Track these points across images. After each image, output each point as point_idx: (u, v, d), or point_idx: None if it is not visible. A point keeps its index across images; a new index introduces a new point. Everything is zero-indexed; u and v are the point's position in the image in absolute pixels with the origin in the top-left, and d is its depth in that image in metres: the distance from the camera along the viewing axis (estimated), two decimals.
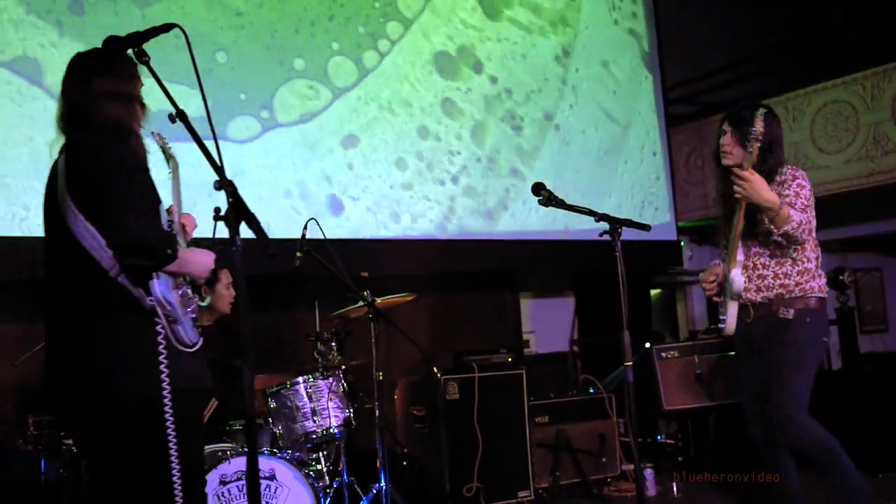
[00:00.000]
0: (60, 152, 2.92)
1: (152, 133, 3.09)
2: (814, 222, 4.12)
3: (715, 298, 4.31)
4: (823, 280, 4.16)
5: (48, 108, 4.43)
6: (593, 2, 8.18)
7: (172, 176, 3.16)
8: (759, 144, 3.91)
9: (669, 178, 8.49)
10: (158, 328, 2.79)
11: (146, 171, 2.92)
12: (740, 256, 4.12)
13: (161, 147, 3.17)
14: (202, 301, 3.10)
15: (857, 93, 8.12)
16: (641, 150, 8.29)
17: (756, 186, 3.87)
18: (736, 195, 3.95)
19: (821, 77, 8.45)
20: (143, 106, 2.98)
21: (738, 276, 4.10)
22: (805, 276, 4.10)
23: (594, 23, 8.17)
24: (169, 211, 3.03)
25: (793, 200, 4.01)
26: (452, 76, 7.22)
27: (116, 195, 2.73)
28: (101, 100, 2.87)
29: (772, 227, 3.95)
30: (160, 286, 2.78)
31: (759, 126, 3.88)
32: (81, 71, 2.93)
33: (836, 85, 8.26)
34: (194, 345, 2.94)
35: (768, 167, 4.04)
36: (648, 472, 5.94)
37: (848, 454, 4.01)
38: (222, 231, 2.52)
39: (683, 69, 9.33)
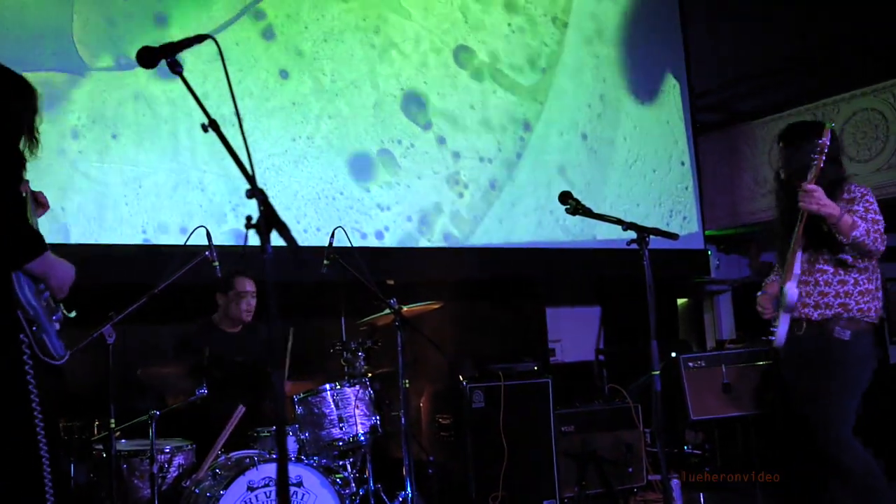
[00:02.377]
0: None
1: None
2: (883, 234, 4.08)
3: (765, 316, 4.29)
4: (881, 304, 4.14)
5: None
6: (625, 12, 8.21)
7: None
8: (824, 157, 3.91)
9: (697, 187, 8.47)
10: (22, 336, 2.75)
11: None
12: (797, 270, 4.09)
13: None
14: (69, 313, 3.07)
15: (888, 101, 8.06)
16: (669, 160, 8.28)
17: (818, 197, 3.88)
18: (799, 206, 3.94)
19: (850, 85, 8.38)
20: None
21: (792, 289, 4.07)
22: (865, 297, 4.08)
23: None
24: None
25: (863, 216, 4.00)
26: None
27: None
28: None
29: (840, 237, 3.93)
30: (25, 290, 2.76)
31: (826, 139, 3.90)
32: None
33: (865, 94, 8.20)
34: (61, 358, 2.89)
35: (829, 180, 4.03)
36: (675, 483, 5.92)
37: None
38: (254, 239, 2.54)
39: (711, 78, 9.29)
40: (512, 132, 7.40)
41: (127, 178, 5.69)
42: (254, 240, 2.47)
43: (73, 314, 3.09)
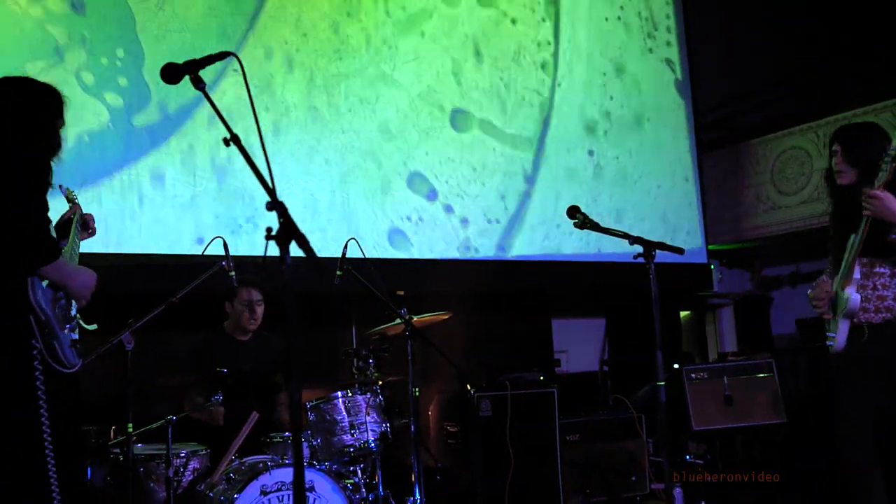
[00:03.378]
0: None
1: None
2: None
3: (825, 316, 4.16)
4: None
5: None
6: (631, 32, 8.23)
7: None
8: (894, 164, 3.77)
9: (700, 202, 8.49)
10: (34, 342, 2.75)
11: None
12: (857, 275, 3.99)
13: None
14: (88, 325, 3.08)
15: (888, 120, 8.07)
16: (673, 176, 8.30)
17: (886, 203, 3.78)
18: (865, 213, 3.84)
19: (853, 104, 8.39)
20: None
21: (854, 295, 3.97)
22: None
23: (629, 51, 8.22)
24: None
25: None
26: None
27: None
28: None
29: None
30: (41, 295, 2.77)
31: (894, 146, 3.77)
32: None
33: (867, 112, 8.21)
34: (73, 367, 2.88)
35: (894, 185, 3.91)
36: (678, 492, 5.92)
37: None
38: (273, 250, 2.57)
39: (715, 95, 9.31)
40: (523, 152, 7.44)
41: (147, 189, 5.75)
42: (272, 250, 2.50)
43: (93, 327, 3.11)
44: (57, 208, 3.39)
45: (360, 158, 6.65)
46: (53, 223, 3.15)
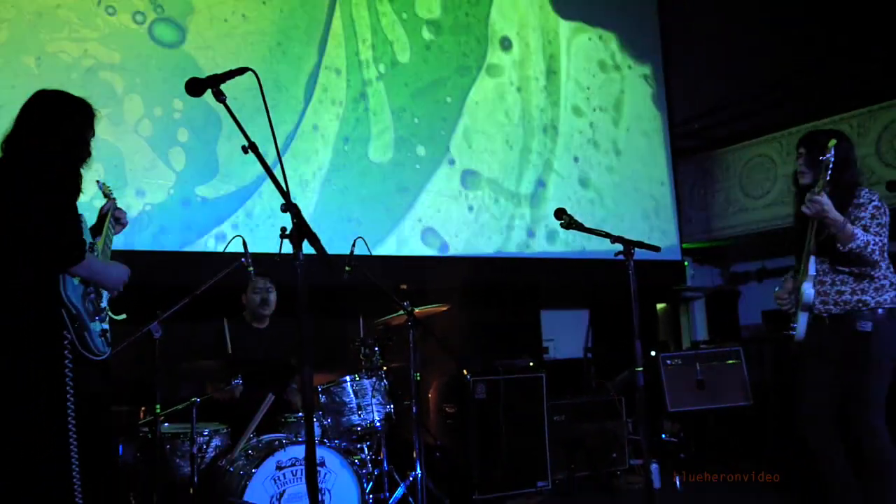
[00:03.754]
0: None
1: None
2: (886, 243, 3.95)
3: (789, 310, 4.12)
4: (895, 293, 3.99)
5: None
6: (612, 49, 8.21)
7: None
8: (829, 172, 3.79)
9: (675, 204, 8.48)
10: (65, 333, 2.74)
11: None
12: (812, 271, 3.97)
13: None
14: (117, 316, 3.07)
15: (846, 129, 8.06)
16: (651, 181, 8.29)
17: (820, 207, 3.77)
18: (805, 211, 3.86)
19: (812, 117, 8.38)
20: None
21: (808, 289, 3.96)
22: (881, 291, 3.95)
23: (611, 67, 8.21)
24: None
25: (868, 223, 3.90)
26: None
27: None
28: None
29: (838, 245, 3.83)
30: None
31: (829, 155, 3.78)
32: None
33: (825, 123, 8.20)
34: (102, 355, 2.87)
35: (841, 188, 3.93)
36: (654, 467, 5.90)
37: None
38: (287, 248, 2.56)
39: (688, 107, 9.31)
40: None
41: (175, 192, 5.74)
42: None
43: (122, 317, 3.09)
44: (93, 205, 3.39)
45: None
46: (88, 216, 3.13)
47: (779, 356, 7.06)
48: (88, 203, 3.37)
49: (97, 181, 3.26)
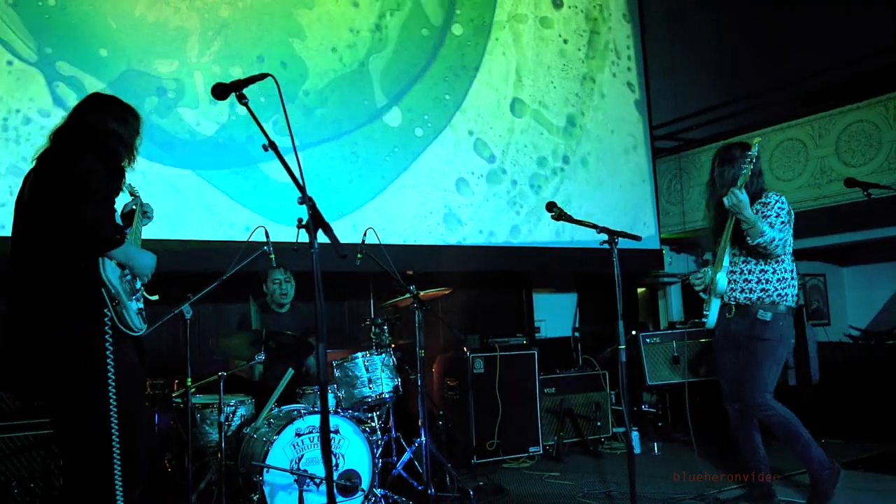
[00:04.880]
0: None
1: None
2: (790, 239, 4.04)
3: (702, 295, 4.20)
4: (796, 290, 4.09)
5: None
6: (599, 58, 8.15)
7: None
8: (752, 167, 3.88)
9: (655, 198, 8.45)
10: (105, 310, 2.74)
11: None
12: (726, 262, 4.03)
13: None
14: (151, 296, 3.05)
15: (808, 132, 8.01)
16: (633, 177, 8.25)
17: (739, 200, 3.84)
18: (727, 206, 3.90)
19: (769, 122, 8.33)
20: None
21: (722, 279, 4.02)
22: (782, 283, 4.03)
23: (598, 74, 8.14)
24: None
25: (773, 221, 3.96)
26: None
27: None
28: None
29: (748, 238, 3.90)
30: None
31: (755, 150, 3.88)
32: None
33: (791, 126, 8.14)
34: (139, 331, 2.87)
35: (752, 191, 3.99)
36: (634, 434, 5.91)
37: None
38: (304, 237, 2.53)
39: (666, 111, 9.26)
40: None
41: (204, 186, 5.71)
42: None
43: (155, 297, 3.08)
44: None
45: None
46: (119, 212, 3.12)
47: None
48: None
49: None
